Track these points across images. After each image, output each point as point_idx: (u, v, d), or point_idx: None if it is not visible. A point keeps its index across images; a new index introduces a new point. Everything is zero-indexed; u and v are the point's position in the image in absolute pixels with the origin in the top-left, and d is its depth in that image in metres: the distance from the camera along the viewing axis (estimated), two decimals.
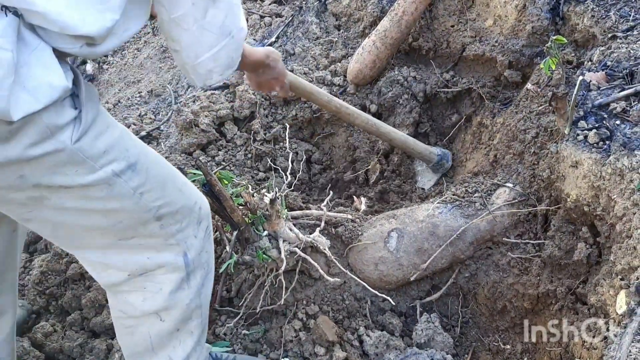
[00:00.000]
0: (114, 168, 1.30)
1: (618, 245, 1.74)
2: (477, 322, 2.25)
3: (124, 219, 1.40)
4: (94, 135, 1.26)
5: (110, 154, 1.30)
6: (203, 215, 1.58)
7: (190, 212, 1.53)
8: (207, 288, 1.67)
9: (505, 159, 2.34)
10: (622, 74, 1.99)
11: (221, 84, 3.01)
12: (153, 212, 1.42)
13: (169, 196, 1.46)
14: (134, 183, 1.35)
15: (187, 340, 1.67)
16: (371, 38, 2.82)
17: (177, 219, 1.49)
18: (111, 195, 1.33)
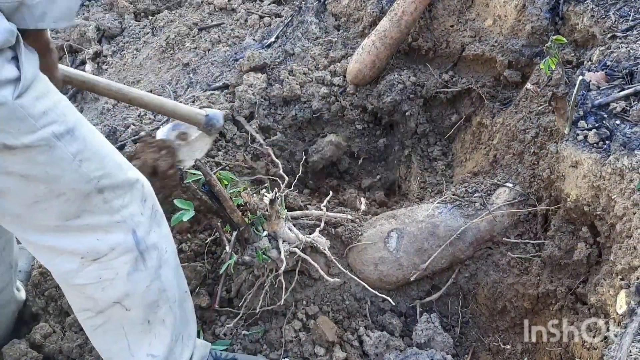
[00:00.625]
0: (54, 130, 1.33)
1: (618, 245, 1.73)
2: (477, 322, 2.25)
3: (65, 190, 1.41)
4: (34, 96, 1.29)
5: (50, 116, 1.32)
6: (147, 194, 1.58)
7: (132, 188, 1.53)
8: (167, 271, 1.65)
9: (505, 159, 2.34)
10: (621, 73, 1.99)
11: (221, 83, 3.01)
12: (94, 183, 1.43)
13: (108, 168, 1.47)
14: (72, 148, 1.37)
15: (162, 332, 1.66)
16: (371, 38, 2.82)
17: (118, 193, 1.50)
18: (52, 160, 1.35)
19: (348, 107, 2.90)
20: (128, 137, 2.87)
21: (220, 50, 3.27)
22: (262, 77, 2.93)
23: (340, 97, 2.90)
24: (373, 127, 2.97)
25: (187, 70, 3.24)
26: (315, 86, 2.90)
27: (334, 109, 2.89)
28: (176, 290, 1.69)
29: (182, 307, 1.74)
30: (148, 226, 1.57)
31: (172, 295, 1.67)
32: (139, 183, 1.56)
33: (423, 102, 2.83)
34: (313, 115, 2.89)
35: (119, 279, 1.55)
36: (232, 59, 3.17)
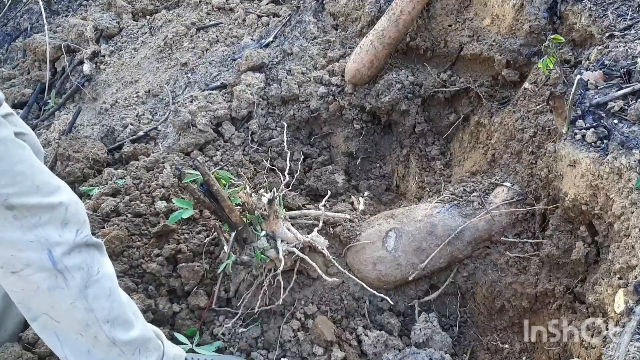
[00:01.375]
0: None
1: (616, 244, 1.73)
2: (475, 321, 2.25)
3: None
4: None
5: None
6: (70, 218, 1.52)
7: (50, 210, 1.48)
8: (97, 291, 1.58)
9: (503, 158, 2.34)
10: (619, 72, 1.99)
11: (219, 83, 3.01)
12: (2, 199, 1.39)
13: (21, 187, 1.42)
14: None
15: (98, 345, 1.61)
16: (369, 38, 2.82)
17: (33, 212, 1.45)
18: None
19: (346, 106, 2.90)
20: (126, 137, 2.87)
21: (218, 50, 3.27)
22: (260, 77, 2.93)
23: (339, 97, 2.90)
24: (371, 126, 2.97)
25: (185, 70, 3.24)
26: (313, 86, 2.90)
27: (332, 109, 2.89)
28: (108, 312, 1.61)
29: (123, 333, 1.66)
30: (69, 246, 1.52)
31: (103, 317, 1.60)
32: (62, 206, 1.50)
33: (421, 101, 2.83)
34: (311, 115, 2.89)
35: (41, 292, 1.51)
36: (230, 59, 3.17)
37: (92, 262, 1.58)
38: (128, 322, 1.67)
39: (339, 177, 2.73)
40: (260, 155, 2.81)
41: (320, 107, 2.88)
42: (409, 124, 2.85)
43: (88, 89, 3.34)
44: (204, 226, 2.36)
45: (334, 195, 2.62)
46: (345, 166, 2.78)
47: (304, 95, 2.89)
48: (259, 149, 2.82)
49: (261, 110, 2.86)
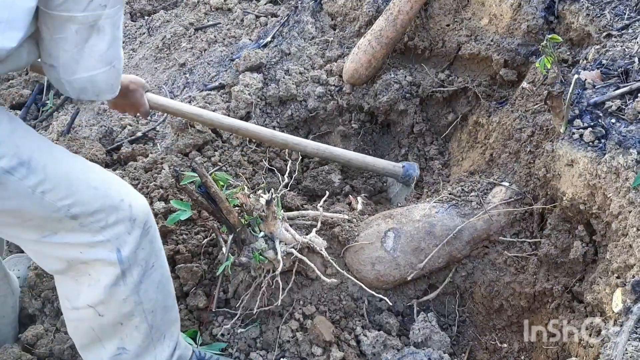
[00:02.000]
0: (3, 165, 1.28)
1: (614, 243, 1.74)
2: (474, 321, 2.25)
3: (32, 218, 1.39)
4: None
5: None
6: (136, 213, 1.55)
7: (115, 210, 1.50)
8: (148, 286, 1.64)
9: (501, 158, 2.35)
10: (617, 72, 1.99)
11: (217, 84, 3.01)
12: (63, 211, 1.40)
13: (79, 195, 1.43)
14: (30, 182, 1.33)
15: (134, 334, 1.66)
16: (367, 37, 2.82)
17: (98, 217, 1.46)
18: (6, 194, 1.31)
19: (344, 106, 2.90)
20: (124, 138, 2.87)
21: (216, 50, 3.27)
22: (258, 77, 2.93)
23: (337, 97, 2.90)
24: (369, 126, 2.98)
25: (183, 70, 3.24)
26: (311, 86, 2.90)
27: (330, 109, 2.89)
28: (154, 303, 1.68)
29: (161, 318, 1.73)
30: (136, 244, 1.56)
31: (149, 308, 1.66)
32: (125, 203, 1.52)
33: (419, 101, 2.84)
34: (309, 115, 2.90)
35: (98, 288, 1.55)
36: (228, 59, 3.17)
37: (150, 256, 1.63)
38: (166, 308, 1.73)
39: (336, 177, 2.73)
40: (259, 155, 2.81)
41: (318, 107, 2.88)
42: (407, 123, 2.86)
43: None
44: (202, 227, 2.36)
45: (330, 195, 2.62)
46: (342, 166, 2.78)
47: (302, 95, 2.89)
48: (257, 149, 2.83)
49: (259, 110, 2.86)
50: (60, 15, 1.28)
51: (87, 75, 1.41)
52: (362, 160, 2.63)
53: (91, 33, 1.34)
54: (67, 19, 1.29)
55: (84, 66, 1.40)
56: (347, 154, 2.62)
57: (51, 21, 1.30)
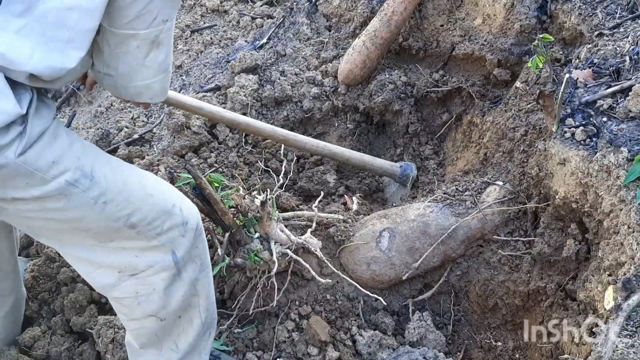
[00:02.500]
0: (67, 178, 1.30)
1: (606, 241, 1.75)
2: (469, 319, 2.26)
3: (92, 227, 1.41)
4: (40, 148, 1.25)
5: (61, 164, 1.29)
6: (187, 216, 1.57)
7: (169, 216, 1.52)
8: (203, 281, 1.68)
9: (495, 157, 2.36)
10: (608, 71, 2.00)
11: (213, 85, 3.03)
12: (123, 221, 1.42)
13: (137, 203, 1.45)
14: (93, 193, 1.35)
15: (189, 330, 1.71)
16: (361, 38, 2.83)
17: (154, 225, 1.49)
18: (70, 205, 1.33)
19: (340, 107, 2.92)
20: (121, 140, 2.88)
21: (212, 52, 3.28)
22: (253, 79, 2.94)
23: (332, 97, 2.92)
24: (365, 126, 2.99)
25: (179, 72, 3.25)
26: (306, 86, 2.91)
27: (325, 109, 2.90)
28: (207, 300, 1.73)
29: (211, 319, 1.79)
30: (190, 245, 1.59)
31: (204, 305, 1.71)
32: (176, 208, 1.55)
33: (414, 101, 2.85)
34: (305, 116, 2.91)
35: (156, 294, 1.57)
36: (224, 61, 3.18)
37: (205, 255, 1.68)
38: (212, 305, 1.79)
39: (331, 177, 2.74)
40: (255, 156, 2.82)
41: (314, 108, 2.90)
42: (402, 123, 2.87)
43: (83, 92, 3.36)
44: None
45: (325, 195, 2.63)
46: (337, 166, 2.79)
47: (297, 96, 2.90)
48: (253, 150, 2.84)
49: (255, 111, 2.88)
50: (123, 33, 1.31)
51: (143, 83, 1.45)
52: (360, 159, 2.65)
53: (152, 48, 1.37)
54: (130, 36, 1.32)
55: (142, 76, 1.43)
56: (346, 152, 2.63)
57: (113, 38, 1.32)
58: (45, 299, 2.14)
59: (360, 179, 2.85)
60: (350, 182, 2.81)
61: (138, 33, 1.31)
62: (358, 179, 2.85)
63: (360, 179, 2.84)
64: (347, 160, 2.62)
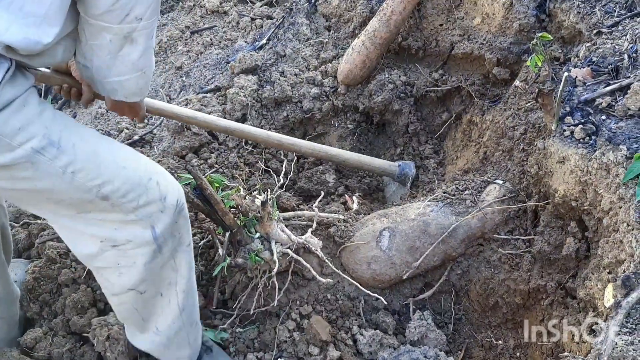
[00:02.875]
0: (33, 145, 1.30)
1: (605, 239, 1.75)
2: (469, 318, 2.26)
3: (63, 197, 1.41)
4: (7, 114, 1.26)
5: (27, 131, 1.29)
6: (165, 191, 1.57)
7: (145, 190, 1.51)
8: (182, 257, 1.69)
9: (494, 156, 2.36)
10: (607, 69, 2.00)
11: (213, 86, 3.03)
12: (94, 192, 1.42)
13: (108, 175, 1.45)
14: (60, 162, 1.35)
15: (167, 310, 1.73)
16: (360, 38, 2.84)
17: (129, 197, 1.48)
18: (38, 175, 1.34)
19: (339, 107, 2.92)
20: (122, 141, 2.89)
21: (212, 53, 3.29)
22: (253, 79, 2.94)
23: (332, 98, 2.92)
24: (365, 126, 3.00)
25: (179, 73, 3.26)
26: (306, 87, 2.92)
27: (325, 109, 2.91)
28: (186, 283, 1.73)
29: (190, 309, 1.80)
30: (170, 219, 1.58)
31: (182, 286, 1.72)
32: (152, 182, 1.54)
33: (414, 101, 2.86)
34: (305, 116, 2.91)
35: (136, 267, 1.58)
36: (224, 62, 3.19)
37: (185, 232, 1.68)
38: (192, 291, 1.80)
39: (330, 176, 2.75)
40: (255, 157, 2.82)
41: (314, 108, 2.90)
42: (402, 123, 2.88)
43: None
44: (199, 228, 2.37)
45: (325, 195, 2.64)
46: (336, 165, 2.80)
47: (297, 97, 2.91)
48: (254, 150, 2.84)
49: (255, 112, 2.88)
50: (97, 24, 1.34)
51: (117, 79, 1.48)
52: (358, 160, 2.65)
53: (124, 43, 1.39)
54: (103, 28, 1.35)
55: (116, 72, 1.46)
56: (343, 153, 2.63)
57: (88, 27, 1.36)
58: (46, 300, 2.14)
59: (360, 178, 2.85)
60: (349, 182, 2.82)
61: (110, 26, 1.34)
62: (357, 178, 2.85)
63: (359, 178, 2.85)
64: (344, 161, 2.62)
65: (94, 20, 1.33)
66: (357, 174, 2.86)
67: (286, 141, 2.54)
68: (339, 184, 2.78)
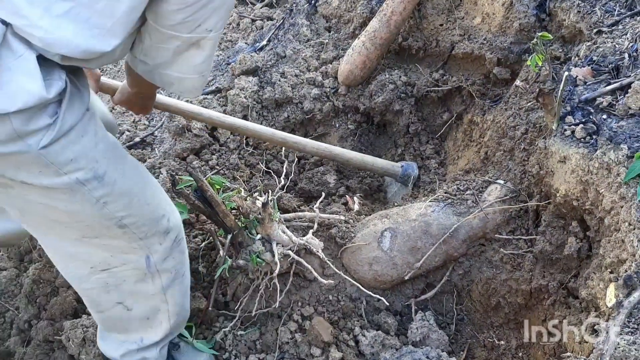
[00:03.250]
0: (79, 176, 1.33)
1: (607, 238, 1.75)
2: (471, 318, 2.26)
3: (86, 220, 1.44)
4: (64, 144, 1.28)
5: (78, 163, 1.32)
6: (171, 227, 1.63)
7: (156, 224, 1.57)
8: (176, 291, 1.74)
9: (496, 156, 2.36)
10: (607, 68, 2.00)
11: (214, 88, 3.03)
12: (115, 220, 1.46)
13: (134, 209, 1.50)
14: (98, 193, 1.39)
15: (157, 330, 1.77)
16: (361, 39, 2.83)
17: (142, 229, 1.54)
18: (73, 200, 1.37)
19: (340, 107, 2.92)
20: (123, 143, 2.89)
21: None
22: (253, 81, 2.94)
23: (332, 98, 2.92)
24: (365, 127, 2.99)
25: None
26: (307, 88, 2.92)
27: (326, 110, 2.91)
28: (180, 308, 1.79)
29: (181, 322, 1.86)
30: (165, 254, 1.63)
31: (173, 311, 1.77)
32: (165, 218, 1.60)
33: (414, 101, 2.85)
34: (305, 117, 2.91)
35: (125, 285, 1.63)
36: (224, 63, 3.19)
37: (182, 266, 1.73)
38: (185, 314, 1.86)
39: (331, 177, 2.75)
40: (256, 158, 2.82)
41: (314, 109, 2.90)
42: (403, 123, 2.87)
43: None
44: (200, 230, 2.37)
45: (326, 196, 2.64)
46: (337, 166, 2.80)
47: (298, 98, 2.91)
48: (254, 152, 2.84)
49: (255, 113, 2.88)
50: (167, 32, 1.35)
51: (177, 75, 1.49)
52: (361, 160, 2.64)
53: (191, 48, 1.41)
54: (172, 36, 1.37)
55: (176, 68, 1.48)
56: (346, 153, 2.63)
57: (156, 33, 1.37)
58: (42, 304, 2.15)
59: (361, 178, 2.85)
60: (350, 182, 2.81)
61: (180, 35, 1.36)
62: (358, 178, 2.85)
63: (360, 179, 2.84)
64: (348, 161, 2.62)
65: (164, 29, 1.34)
66: (357, 175, 2.86)
67: (290, 139, 2.54)
68: (339, 184, 2.78)
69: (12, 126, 1.18)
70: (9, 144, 1.20)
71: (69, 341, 1.99)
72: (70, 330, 2.00)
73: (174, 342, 2.00)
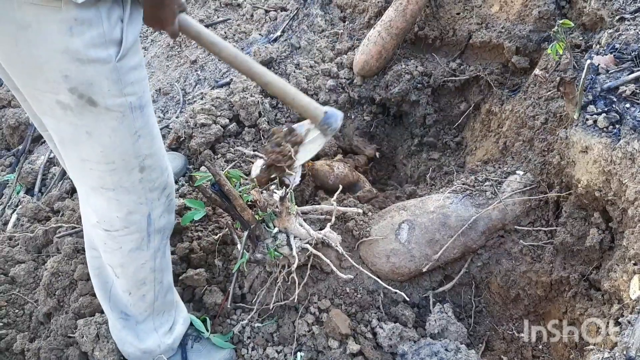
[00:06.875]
0: (132, 101, 1.40)
1: (630, 230, 1.72)
2: (490, 311, 2.24)
3: (116, 159, 1.47)
4: (131, 65, 1.36)
5: (135, 87, 1.40)
6: (169, 182, 1.66)
7: (161, 174, 1.61)
8: (163, 253, 1.76)
9: (515, 146, 2.33)
10: (630, 56, 1.96)
11: (228, 79, 3.02)
12: (140, 159, 1.50)
13: (154, 149, 1.54)
14: (138, 123, 1.44)
15: (139, 303, 1.80)
16: (376, 29, 2.80)
17: (154, 176, 1.57)
18: (119, 127, 1.42)
19: (356, 98, 2.90)
20: None
21: None
22: None
23: (348, 89, 2.90)
24: (381, 117, 2.97)
25: (194, 67, 3.25)
26: (322, 79, 2.90)
27: (341, 101, 2.88)
28: (163, 273, 1.81)
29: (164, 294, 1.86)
30: (161, 211, 1.66)
31: (159, 277, 1.79)
32: (167, 171, 1.63)
33: (431, 91, 2.82)
34: None
35: (120, 252, 1.66)
36: None
37: (168, 225, 1.74)
38: (169, 286, 1.87)
39: None
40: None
41: (330, 100, 2.88)
42: (420, 114, 2.85)
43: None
44: (217, 223, 2.37)
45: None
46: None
47: (313, 89, 2.89)
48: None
49: (269, 105, 2.87)
50: None
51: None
52: (282, 88, 2.08)
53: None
54: None
55: None
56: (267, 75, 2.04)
57: None
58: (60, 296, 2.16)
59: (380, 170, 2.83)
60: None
61: None
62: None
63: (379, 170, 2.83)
64: (267, 84, 2.06)
65: None
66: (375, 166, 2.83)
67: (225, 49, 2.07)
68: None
69: (104, 29, 1.26)
70: (99, 49, 1.27)
71: (83, 337, 2.00)
72: (83, 327, 2.01)
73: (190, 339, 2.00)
